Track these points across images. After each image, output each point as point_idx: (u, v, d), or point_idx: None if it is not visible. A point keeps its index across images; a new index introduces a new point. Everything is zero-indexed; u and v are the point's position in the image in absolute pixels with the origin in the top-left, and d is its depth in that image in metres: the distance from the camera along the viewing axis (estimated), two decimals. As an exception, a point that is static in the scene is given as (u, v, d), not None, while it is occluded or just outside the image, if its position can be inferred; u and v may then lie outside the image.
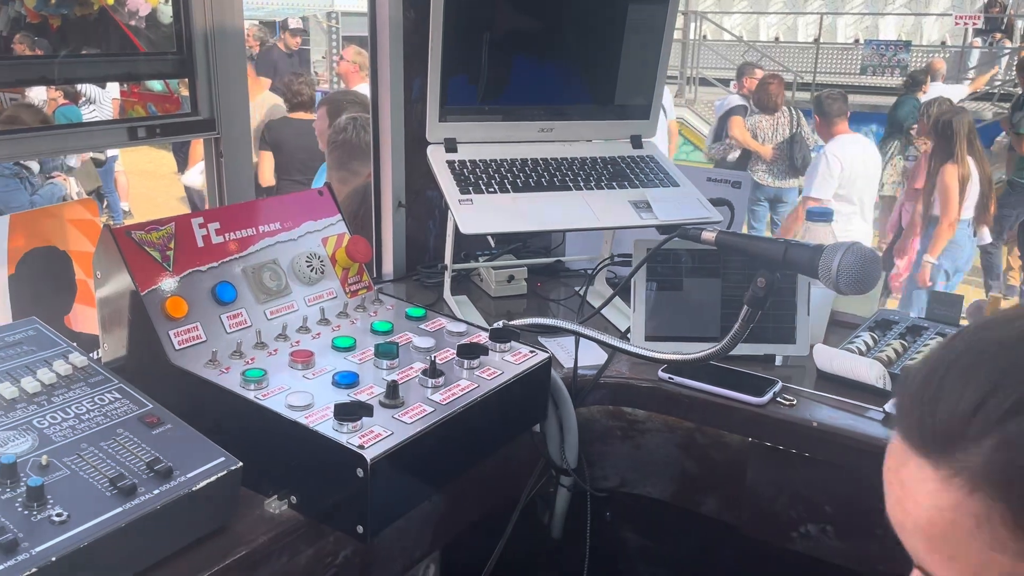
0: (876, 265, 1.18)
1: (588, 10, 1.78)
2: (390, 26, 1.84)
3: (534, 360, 1.35)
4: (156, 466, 1.01)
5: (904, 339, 1.66)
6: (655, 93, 1.89)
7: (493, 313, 1.84)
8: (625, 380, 1.57)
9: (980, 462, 0.60)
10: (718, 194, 1.83)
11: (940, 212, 5.05)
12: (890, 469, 0.69)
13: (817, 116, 5.46)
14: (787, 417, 1.42)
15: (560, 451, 1.54)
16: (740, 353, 1.47)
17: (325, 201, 1.49)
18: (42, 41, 3.58)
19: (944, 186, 4.97)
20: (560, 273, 2.10)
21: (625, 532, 1.77)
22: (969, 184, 4.97)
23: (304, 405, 1.13)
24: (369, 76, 1.94)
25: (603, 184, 1.74)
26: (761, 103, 6.64)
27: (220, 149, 1.64)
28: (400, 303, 1.49)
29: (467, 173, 1.68)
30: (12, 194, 4.81)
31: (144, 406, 1.12)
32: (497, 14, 1.72)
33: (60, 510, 0.93)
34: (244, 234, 1.35)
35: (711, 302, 1.61)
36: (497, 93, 1.76)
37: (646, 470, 1.62)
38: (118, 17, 4.00)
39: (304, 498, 1.13)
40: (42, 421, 1.06)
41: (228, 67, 1.62)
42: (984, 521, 0.60)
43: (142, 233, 1.23)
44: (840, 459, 1.38)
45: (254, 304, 1.31)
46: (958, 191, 4.93)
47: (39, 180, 5.11)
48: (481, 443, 1.32)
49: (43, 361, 1.16)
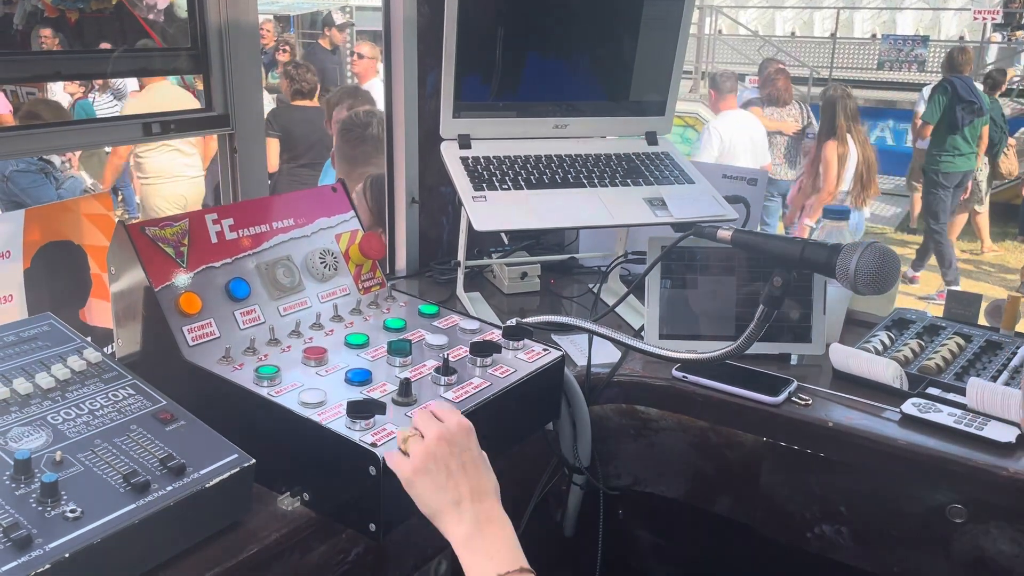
0: (895, 264, 1.16)
1: (603, 5, 1.77)
2: (404, 22, 1.84)
3: (547, 358, 1.35)
4: (169, 463, 1.01)
5: (921, 338, 1.64)
6: (671, 89, 1.87)
7: (506, 310, 1.84)
8: (639, 378, 1.56)
9: None
10: (734, 191, 1.81)
11: (822, 183, 5.68)
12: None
13: (712, 91, 6.14)
14: (802, 417, 1.41)
15: (573, 449, 1.54)
16: (755, 352, 1.46)
17: (339, 197, 1.49)
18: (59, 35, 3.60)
19: (825, 160, 5.62)
20: (574, 270, 2.09)
21: (638, 531, 1.76)
22: (848, 160, 5.59)
23: (317, 402, 1.13)
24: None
25: (617, 181, 1.73)
26: (771, 97, 6.64)
27: (234, 145, 1.64)
28: (413, 300, 1.49)
29: (481, 170, 1.68)
30: (40, 189, 4.87)
31: (157, 402, 1.12)
32: (511, 10, 1.71)
33: (74, 506, 0.93)
34: (258, 230, 1.35)
35: (726, 300, 1.60)
36: (511, 89, 1.76)
37: (659, 469, 1.61)
38: (136, 11, 4.02)
39: (316, 495, 1.13)
40: (56, 417, 1.06)
41: (242, 63, 1.61)
42: None
43: (156, 229, 1.23)
44: (856, 460, 1.37)
45: (267, 300, 1.31)
46: (837, 164, 5.57)
47: (62, 175, 5.18)
48: (494, 441, 1.31)
49: (57, 357, 1.16)
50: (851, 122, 5.60)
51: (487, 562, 0.95)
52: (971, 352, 1.58)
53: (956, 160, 6.74)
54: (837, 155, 5.57)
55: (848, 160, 5.60)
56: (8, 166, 4.63)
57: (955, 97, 6.60)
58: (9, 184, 4.73)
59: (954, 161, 6.74)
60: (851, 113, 5.62)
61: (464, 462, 1.01)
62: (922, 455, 1.30)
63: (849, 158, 5.60)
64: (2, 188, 4.78)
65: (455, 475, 1.00)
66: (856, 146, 5.62)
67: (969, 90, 6.66)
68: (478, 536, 0.97)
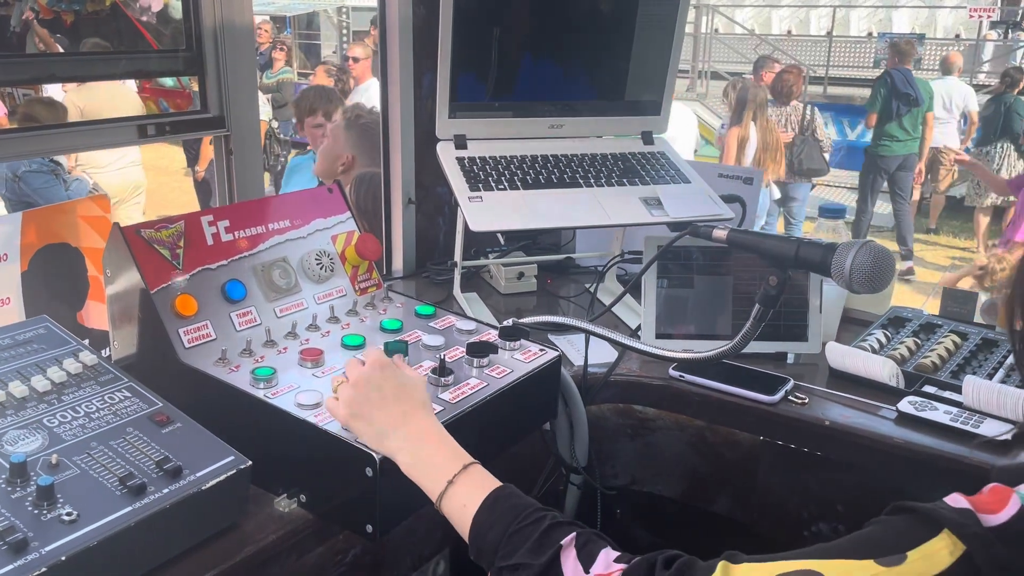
0: (890, 263, 1.16)
1: (599, 5, 1.77)
2: (399, 22, 1.83)
3: (544, 358, 1.35)
4: (166, 465, 1.01)
5: (917, 337, 1.64)
6: (666, 89, 1.87)
7: (503, 310, 1.84)
8: (636, 378, 1.56)
9: None
10: (730, 190, 1.81)
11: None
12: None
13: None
14: (799, 416, 1.41)
15: (570, 449, 1.54)
16: (751, 351, 1.46)
17: (335, 198, 1.49)
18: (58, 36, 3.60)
19: (726, 144, 6.23)
20: (570, 270, 2.09)
21: (636, 530, 1.76)
22: (747, 145, 6.12)
23: (313, 404, 1.13)
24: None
25: (614, 181, 1.73)
26: (775, 91, 6.67)
27: (230, 147, 1.64)
28: (410, 301, 1.49)
29: (477, 170, 1.68)
30: (51, 189, 4.90)
31: (154, 404, 1.12)
32: (507, 9, 1.71)
33: (70, 509, 0.93)
34: (254, 232, 1.35)
35: (722, 300, 1.60)
36: (507, 89, 1.76)
37: (656, 468, 1.61)
38: (130, 12, 4.02)
39: (313, 497, 1.13)
40: (52, 420, 1.06)
41: (237, 64, 1.61)
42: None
43: (151, 231, 1.23)
44: (852, 458, 1.37)
45: (264, 302, 1.31)
46: (736, 148, 6.13)
47: (69, 175, 5.24)
48: (491, 442, 1.31)
49: (53, 359, 1.16)
50: (758, 111, 6.16)
51: (435, 474, 1.00)
52: (967, 350, 1.58)
53: (893, 145, 7.30)
54: (737, 140, 6.12)
55: (748, 145, 6.13)
56: (20, 166, 4.65)
57: (893, 89, 7.15)
58: (22, 184, 4.75)
59: (891, 146, 7.31)
60: (759, 103, 6.19)
61: (385, 394, 1.06)
62: (918, 453, 1.31)
63: (749, 143, 6.12)
64: (14, 188, 4.79)
65: (380, 407, 1.05)
66: (757, 131, 6.14)
67: (906, 82, 7.16)
68: (419, 456, 1.02)
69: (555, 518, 0.92)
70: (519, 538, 0.91)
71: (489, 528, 0.93)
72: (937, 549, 0.72)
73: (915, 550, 0.72)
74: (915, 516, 0.75)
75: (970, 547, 0.71)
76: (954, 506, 0.75)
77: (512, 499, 0.96)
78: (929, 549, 0.72)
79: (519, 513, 0.93)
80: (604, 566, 0.87)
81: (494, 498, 0.96)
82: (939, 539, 0.72)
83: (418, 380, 1.12)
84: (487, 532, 0.93)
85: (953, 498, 0.76)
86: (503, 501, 0.95)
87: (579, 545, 0.89)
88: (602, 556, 0.88)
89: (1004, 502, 0.73)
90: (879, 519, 0.79)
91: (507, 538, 0.91)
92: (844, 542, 0.78)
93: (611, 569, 0.86)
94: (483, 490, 0.97)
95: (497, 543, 0.92)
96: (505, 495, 0.96)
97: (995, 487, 0.76)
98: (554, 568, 0.88)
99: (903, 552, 0.73)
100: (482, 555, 0.94)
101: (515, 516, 0.93)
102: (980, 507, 0.74)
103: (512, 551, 0.91)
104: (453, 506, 0.98)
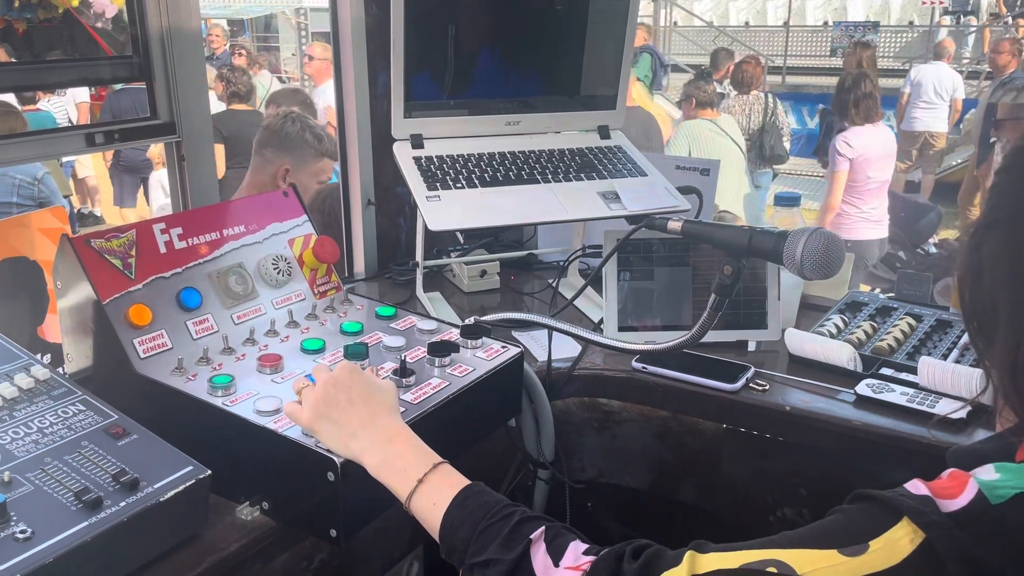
0: (840, 249, 1.18)
1: (551, 1, 1.77)
2: (352, 23, 1.82)
3: (506, 355, 1.35)
4: (122, 478, 0.99)
5: (874, 320, 1.67)
6: (620, 83, 1.88)
7: (467, 309, 1.84)
8: (599, 371, 1.57)
9: None
10: (687, 182, 1.83)
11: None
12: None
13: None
14: (760, 402, 1.43)
15: (537, 445, 1.54)
16: (713, 340, 1.48)
17: (290, 202, 1.47)
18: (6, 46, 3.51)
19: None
20: (533, 266, 2.09)
21: (606, 522, 1.77)
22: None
23: (273, 410, 1.12)
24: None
25: (571, 176, 1.73)
26: (735, 80, 6.72)
27: (182, 152, 1.62)
28: (370, 302, 1.48)
29: (434, 169, 1.67)
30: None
31: (109, 417, 1.10)
32: (459, 7, 1.71)
33: (24, 527, 0.91)
34: (208, 238, 1.33)
35: (682, 291, 1.61)
36: (462, 87, 1.75)
37: (623, 460, 1.62)
38: (83, 19, 3.93)
39: (276, 503, 1.12)
40: (4, 436, 1.04)
41: (187, 69, 1.59)
42: None
43: (102, 241, 1.21)
44: (813, 442, 1.39)
45: (220, 309, 1.30)
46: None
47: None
48: (455, 441, 1.31)
49: (4, 375, 1.13)
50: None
51: (404, 474, 1.00)
52: (922, 331, 1.61)
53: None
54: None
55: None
56: (40, 169, 4.61)
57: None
58: (41, 186, 4.70)
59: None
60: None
61: (352, 396, 1.06)
62: (877, 434, 1.33)
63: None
64: (32, 192, 4.73)
65: (347, 411, 1.04)
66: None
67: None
68: (387, 457, 1.02)
69: (524, 513, 0.93)
70: (489, 534, 0.91)
71: (459, 525, 0.94)
72: (898, 537, 0.73)
73: (877, 539, 0.73)
74: (876, 504, 0.76)
75: (929, 535, 0.72)
76: (914, 492, 0.76)
77: (482, 496, 0.96)
78: (890, 538, 0.73)
79: (489, 510, 0.93)
80: (573, 559, 0.87)
81: (464, 496, 0.96)
82: (899, 527, 0.73)
83: (387, 385, 1.12)
84: (457, 529, 0.94)
85: (913, 484, 0.77)
86: (473, 498, 0.95)
87: (548, 539, 0.89)
88: (571, 549, 0.88)
89: (962, 487, 0.75)
90: (841, 507, 0.80)
91: (477, 535, 0.92)
92: (808, 532, 0.79)
93: (580, 562, 0.87)
94: (453, 488, 0.97)
95: (468, 540, 0.92)
96: (475, 492, 0.96)
97: (953, 472, 0.77)
98: (524, 563, 0.88)
99: (865, 542, 0.74)
100: (453, 553, 0.94)
101: (485, 513, 0.93)
102: (939, 493, 0.75)
103: (483, 547, 0.91)
104: (423, 505, 0.98)
